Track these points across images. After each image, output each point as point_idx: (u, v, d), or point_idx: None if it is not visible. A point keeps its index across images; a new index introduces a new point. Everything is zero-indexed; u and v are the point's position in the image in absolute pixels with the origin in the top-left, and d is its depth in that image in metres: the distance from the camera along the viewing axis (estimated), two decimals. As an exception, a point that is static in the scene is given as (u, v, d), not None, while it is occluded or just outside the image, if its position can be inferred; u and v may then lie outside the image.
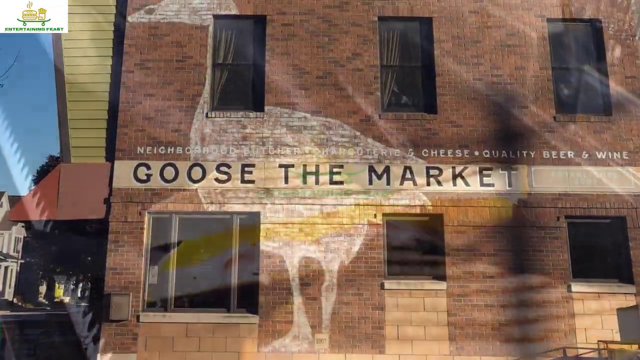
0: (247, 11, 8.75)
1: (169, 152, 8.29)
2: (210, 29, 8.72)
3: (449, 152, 8.25)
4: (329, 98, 8.43)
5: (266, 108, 8.41)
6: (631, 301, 7.70)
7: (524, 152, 8.24)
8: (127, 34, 8.60)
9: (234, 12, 8.74)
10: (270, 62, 8.52)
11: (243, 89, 8.68)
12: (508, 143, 8.41)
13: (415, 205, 8.11)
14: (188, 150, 8.28)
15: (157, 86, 8.46)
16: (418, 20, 8.76)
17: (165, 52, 8.58)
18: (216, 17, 8.75)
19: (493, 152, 8.26)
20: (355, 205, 8.10)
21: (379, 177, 8.19)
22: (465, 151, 8.24)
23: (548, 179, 8.13)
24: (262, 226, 8.05)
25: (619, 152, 8.29)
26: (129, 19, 8.72)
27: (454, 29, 8.67)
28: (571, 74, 8.68)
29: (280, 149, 8.30)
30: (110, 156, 8.34)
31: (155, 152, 8.27)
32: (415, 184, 8.16)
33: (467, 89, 8.45)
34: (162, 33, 8.66)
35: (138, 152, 8.26)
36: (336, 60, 8.53)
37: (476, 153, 8.24)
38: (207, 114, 8.39)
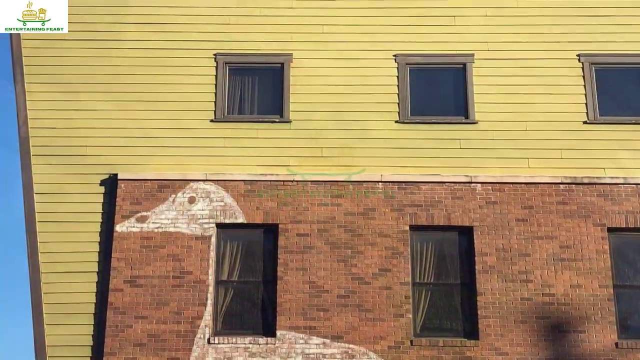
0: (256, 219, 18.12)
1: (164, 385, 17.71)
2: (213, 239, 17.96)
3: (494, 385, 17.61)
4: (352, 321, 17.26)
5: (278, 333, 17.18)
6: None
7: (582, 385, 17.61)
8: (116, 246, 17.72)
9: (240, 220, 18.05)
10: (283, 279, 17.53)
11: (251, 310, 17.71)
12: (563, 374, 17.75)
13: None
14: (187, 383, 17.68)
15: (150, 307, 17.41)
16: (456, 230, 18.03)
17: (160, 267, 17.67)
18: (220, 226, 18.01)
19: (545, 385, 17.61)
20: None
21: (412, 416, 17.33)
22: (513, 384, 17.59)
23: (610, 418, 17.38)
24: None
25: (693, 386, 17.66)
26: (117, 228, 18.03)
27: (499, 240, 17.87)
28: (636, 292, 17.68)
29: (295, 382, 17.02)
30: (96, 390, 17.20)
31: (147, 385, 17.72)
32: (454, 423, 17.44)
33: (514, 311, 17.30)
34: (157, 244, 17.83)
35: (128, 384, 17.69)
36: (360, 277, 17.56)
37: (526, 386, 17.59)
38: (209, 339, 17.11)
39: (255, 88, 19.75)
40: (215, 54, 19.41)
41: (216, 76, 19.46)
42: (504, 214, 18.44)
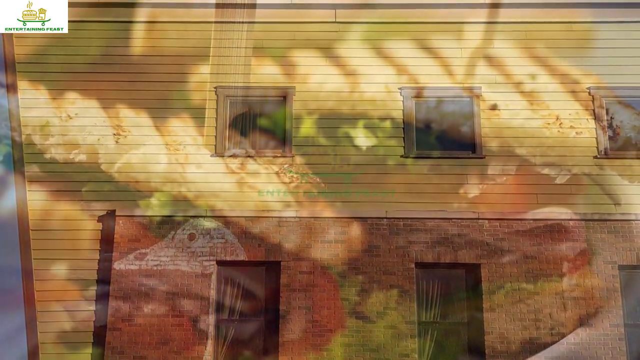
0: (257, 257, 18.34)
1: None
2: (214, 277, 18.25)
3: None
4: (356, 361, 18.21)
5: (281, 372, 17.65)
6: None
7: None
8: (113, 285, 18.46)
9: (241, 257, 18.27)
10: (286, 318, 17.84)
11: (253, 349, 17.74)
12: (573, 417, 18.00)
13: None
14: None
15: (149, 346, 17.63)
16: (463, 268, 18.25)
17: (159, 306, 18.22)
18: (220, 263, 18.34)
19: None
20: None
21: None
22: None
23: None
24: None
25: None
26: (116, 265, 18.26)
27: (507, 277, 17.97)
28: (648, 331, 18.40)
29: (298, 423, 17.58)
30: None
31: None
32: None
33: (522, 351, 17.48)
34: (155, 283, 18.67)
35: None
36: (365, 316, 17.81)
37: None
38: (209, 380, 17.96)
39: (257, 122, 19.97)
40: (215, 87, 19.68)
41: (217, 110, 19.71)
42: (512, 251, 18.62)
